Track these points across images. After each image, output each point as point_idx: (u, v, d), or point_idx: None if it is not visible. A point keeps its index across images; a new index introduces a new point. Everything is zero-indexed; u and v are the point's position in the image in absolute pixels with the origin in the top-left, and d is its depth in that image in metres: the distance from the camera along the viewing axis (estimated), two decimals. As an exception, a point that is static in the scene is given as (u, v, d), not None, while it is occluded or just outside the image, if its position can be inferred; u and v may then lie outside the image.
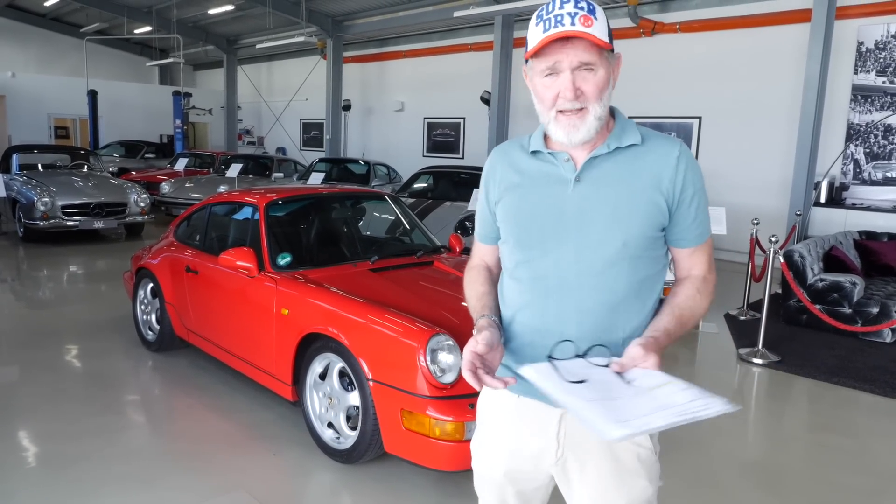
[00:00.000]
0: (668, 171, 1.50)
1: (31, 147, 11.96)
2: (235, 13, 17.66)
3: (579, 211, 1.49)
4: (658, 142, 1.54)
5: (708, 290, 1.58)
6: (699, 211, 1.54)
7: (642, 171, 1.50)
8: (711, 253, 1.62)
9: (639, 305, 1.53)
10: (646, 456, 1.56)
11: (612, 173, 1.50)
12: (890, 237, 7.66)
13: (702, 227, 1.56)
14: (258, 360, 3.94)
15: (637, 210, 1.48)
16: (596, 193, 1.49)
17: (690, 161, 1.53)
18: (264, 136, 21.55)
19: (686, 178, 1.51)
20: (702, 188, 1.54)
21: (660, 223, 1.51)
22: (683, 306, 1.53)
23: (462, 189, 9.03)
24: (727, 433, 4.05)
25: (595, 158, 1.50)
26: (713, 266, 1.61)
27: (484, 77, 13.36)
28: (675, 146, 1.53)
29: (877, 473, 3.60)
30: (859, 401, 4.68)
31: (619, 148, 1.51)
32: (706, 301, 1.57)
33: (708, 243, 1.60)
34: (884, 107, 9.07)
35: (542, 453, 1.57)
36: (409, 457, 3.06)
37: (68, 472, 3.26)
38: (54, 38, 22.84)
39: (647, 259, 1.52)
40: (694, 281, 1.58)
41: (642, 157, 1.51)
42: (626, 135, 1.52)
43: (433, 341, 2.99)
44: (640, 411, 1.25)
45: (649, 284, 1.54)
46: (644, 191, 1.49)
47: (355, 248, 4.72)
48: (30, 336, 5.37)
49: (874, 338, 5.95)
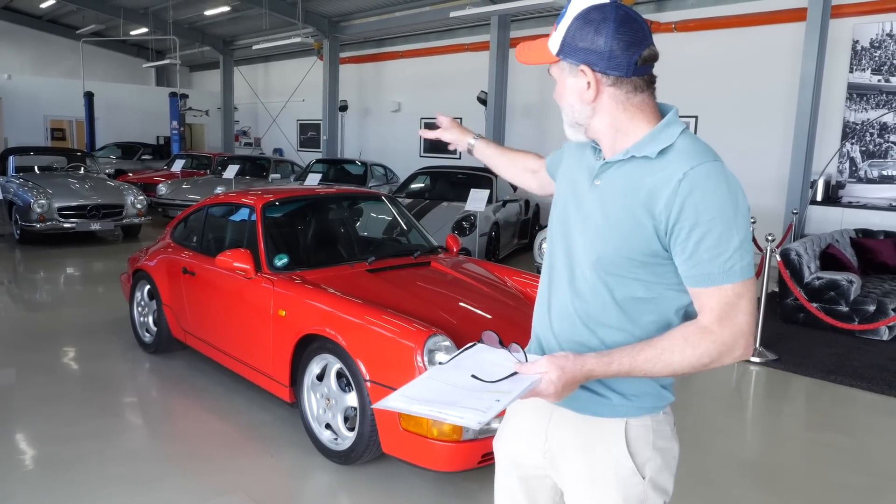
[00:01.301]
0: (666, 194, 1.32)
1: (27, 149, 11.94)
2: (232, 14, 17.66)
3: (586, 213, 1.47)
4: (677, 157, 1.35)
5: (703, 343, 1.32)
6: (703, 246, 1.30)
7: (642, 187, 1.36)
8: (735, 304, 1.31)
9: (624, 324, 1.42)
10: (625, 475, 1.45)
11: (617, 183, 1.41)
12: (886, 235, 7.68)
13: (709, 267, 1.30)
14: (255, 361, 3.93)
15: (620, 228, 1.38)
16: (600, 200, 1.44)
17: (700, 186, 1.30)
18: (261, 137, 21.55)
19: (686, 206, 1.30)
20: (713, 219, 1.29)
21: (645, 248, 1.36)
22: (654, 345, 1.34)
23: (459, 189, 9.03)
24: (725, 432, 4.06)
25: (611, 163, 1.44)
26: (732, 320, 1.32)
27: (481, 77, 13.36)
28: (685, 165, 1.32)
29: (874, 471, 3.61)
30: (857, 399, 4.69)
31: (634, 157, 1.40)
32: (691, 353, 1.32)
33: (724, 290, 1.31)
34: (879, 105, 9.09)
35: (534, 442, 1.58)
36: (406, 457, 3.06)
37: (65, 474, 3.26)
38: (50, 40, 22.82)
39: (631, 281, 1.40)
40: (690, 327, 1.35)
41: (654, 172, 1.36)
42: (651, 144, 1.39)
43: (430, 342, 2.99)
44: (422, 396, 1.33)
45: (636, 307, 1.42)
46: (634, 209, 1.36)
47: (352, 249, 4.72)
48: (27, 338, 5.36)
49: (871, 336, 5.96)
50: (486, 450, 2.93)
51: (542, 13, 12.95)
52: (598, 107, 1.42)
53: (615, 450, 1.46)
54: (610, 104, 1.42)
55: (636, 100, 1.42)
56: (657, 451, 1.48)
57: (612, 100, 1.41)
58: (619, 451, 1.46)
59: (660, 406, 1.50)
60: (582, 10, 1.39)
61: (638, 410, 1.46)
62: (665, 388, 1.50)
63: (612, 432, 1.46)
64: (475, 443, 2.91)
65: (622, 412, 1.46)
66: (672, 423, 1.53)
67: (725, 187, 1.32)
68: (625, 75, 1.39)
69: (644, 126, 1.42)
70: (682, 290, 1.39)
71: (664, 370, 1.34)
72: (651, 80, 1.45)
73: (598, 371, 1.34)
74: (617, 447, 1.46)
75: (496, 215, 8.89)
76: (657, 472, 1.48)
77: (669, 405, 1.53)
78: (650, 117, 1.43)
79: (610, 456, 1.46)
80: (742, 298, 1.32)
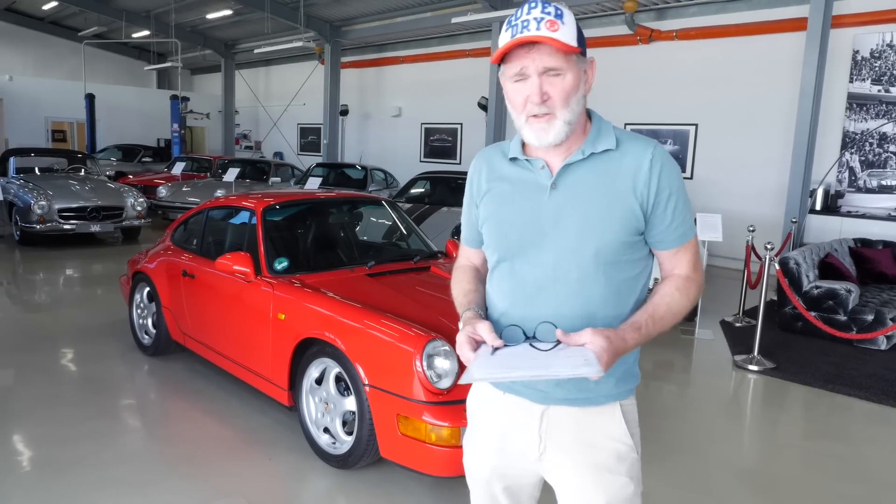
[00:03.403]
0: (642, 175, 1.48)
1: (28, 150, 11.95)
2: (234, 18, 17.70)
3: (555, 218, 1.50)
4: (632, 144, 1.51)
5: (690, 288, 1.55)
6: (677, 212, 1.51)
7: (616, 176, 1.49)
8: (696, 252, 1.59)
9: (618, 308, 1.52)
10: (625, 453, 1.56)
11: (587, 180, 1.50)
12: (885, 245, 7.69)
13: (682, 228, 1.54)
14: (254, 364, 3.93)
15: (611, 217, 1.48)
16: (571, 201, 1.49)
17: (665, 162, 1.50)
18: (262, 140, 21.56)
19: (661, 181, 1.49)
20: (679, 188, 1.52)
21: (636, 228, 1.50)
22: (659, 303, 1.51)
23: (459, 194, 8.94)
24: (722, 440, 4.06)
25: (570, 165, 1.51)
26: (699, 266, 1.59)
27: (481, 83, 13.39)
28: (648, 148, 1.50)
29: (871, 481, 3.61)
30: (854, 408, 4.69)
31: (593, 154, 1.50)
32: (686, 299, 1.53)
33: (691, 244, 1.57)
34: (879, 115, 9.12)
35: (526, 450, 1.59)
36: (405, 462, 3.06)
37: (63, 476, 3.25)
38: (52, 42, 22.86)
39: (624, 263, 1.52)
40: (675, 280, 1.55)
41: (617, 161, 1.50)
42: (601, 139, 1.51)
43: (429, 347, 2.99)
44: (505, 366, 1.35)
45: (628, 286, 1.54)
46: (618, 197, 1.48)
47: (352, 253, 4.73)
48: (25, 340, 5.36)
49: (869, 345, 5.97)
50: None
51: (543, 20, 12.96)
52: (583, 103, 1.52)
53: (615, 431, 1.55)
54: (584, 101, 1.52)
55: None
56: (638, 427, 1.62)
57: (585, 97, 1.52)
58: (619, 432, 1.56)
59: (637, 384, 1.63)
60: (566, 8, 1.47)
61: (626, 392, 1.59)
62: (636, 364, 1.63)
63: (609, 416, 1.56)
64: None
65: (616, 396, 1.57)
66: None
67: (676, 163, 1.55)
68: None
69: (585, 122, 1.54)
70: (648, 262, 1.57)
71: (671, 322, 1.52)
72: None
73: (633, 338, 1.44)
74: (616, 428, 1.56)
75: (496, 221, 8.88)
76: (640, 443, 1.62)
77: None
78: None
79: (611, 439, 1.55)
80: (697, 246, 1.61)
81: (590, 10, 11.97)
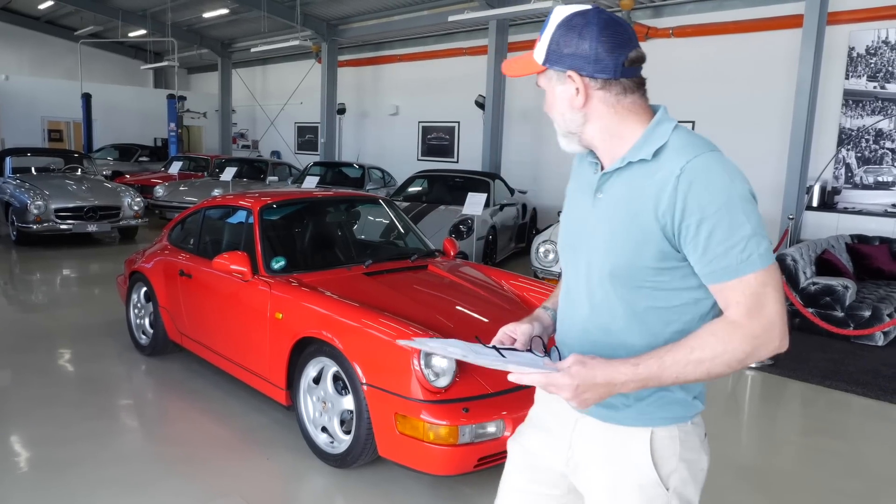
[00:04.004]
0: (666, 195, 1.29)
1: (24, 150, 11.94)
2: (230, 17, 17.66)
3: (593, 227, 1.43)
4: (671, 155, 1.33)
5: (732, 337, 1.26)
6: (713, 241, 1.26)
7: (643, 192, 1.34)
8: (760, 293, 1.26)
9: (646, 338, 1.38)
10: (648, 486, 1.40)
11: (619, 193, 1.39)
12: (881, 241, 7.71)
13: (724, 262, 1.26)
14: (252, 364, 3.93)
15: (628, 238, 1.35)
16: (605, 212, 1.41)
17: (700, 179, 1.27)
18: (259, 139, 21.53)
19: (689, 202, 1.27)
20: (718, 212, 1.25)
21: (658, 254, 1.33)
22: (681, 345, 1.29)
23: (456, 193, 9.05)
24: (721, 437, 4.07)
25: (609, 173, 1.42)
26: (758, 311, 1.26)
27: (478, 81, 13.37)
28: (680, 161, 1.30)
29: (869, 476, 3.62)
30: (852, 404, 4.70)
31: (631, 163, 1.38)
32: (722, 348, 1.26)
33: (743, 282, 1.26)
34: (875, 111, 9.13)
35: (558, 448, 1.54)
36: (403, 461, 3.06)
37: (60, 476, 3.25)
38: (48, 41, 22.79)
39: (647, 290, 1.36)
40: (716, 322, 1.31)
41: (649, 175, 1.34)
42: (645, 146, 1.37)
43: (427, 345, 2.99)
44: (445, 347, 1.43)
45: (657, 316, 1.38)
46: (638, 216, 1.33)
47: (350, 252, 4.73)
48: (22, 340, 5.34)
49: (866, 341, 5.98)
50: (483, 454, 2.93)
51: (539, 18, 12.98)
52: (589, 113, 1.41)
53: (639, 459, 1.41)
54: (601, 108, 1.40)
55: (626, 102, 1.40)
56: (683, 462, 1.42)
57: (602, 104, 1.39)
58: (642, 460, 1.41)
59: (688, 416, 1.44)
60: (564, 18, 1.39)
61: (664, 420, 1.41)
62: (696, 397, 1.45)
63: (636, 441, 1.42)
64: (471, 447, 2.91)
65: (647, 421, 1.42)
66: (702, 434, 1.48)
67: (725, 175, 1.28)
68: (612, 77, 1.37)
69: (637, 128, 1.40)
70: (703, 293, 1.35)
71: (696, 371, 1.27)
72: (641, 83, 1.43)
73: (624, 371, 1.28)
74: (640, 456, 1.41)
75: (493, 219, 8.90)
76: (682, 484, 1.42)
77: (699, 415, 1.48)
78: (643, 119, 1.41)
79: (633, 465, 1.42)
80: (767, 287, 1.26)
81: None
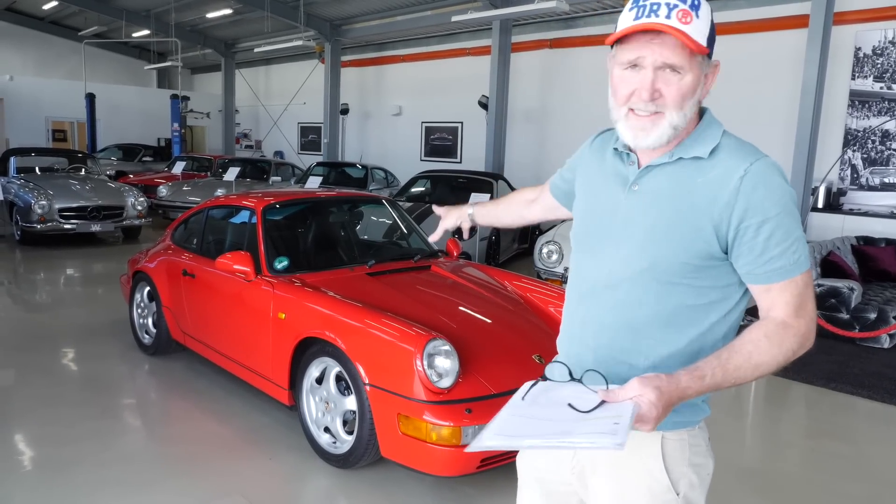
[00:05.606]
0: (726, 194, 1.28)
1: (28, 150, 11.95)
2: (234, 17, 17.69)
3: (625, 221, 1.38)
4: (729, 155, 1.31)
5: (786, 338, 1.28)
6: (773, 242, 1.27)
7: (695, 189, 1.31)
8: (803, 293, 1.30)
9: (670, 336, 1.36)
10: (659, 492, 1.38)
11: (665, 186, 1.34)
12: (888, 242, 7.67)
13: (781, 262, 1.28)
14: (255, 364, 3.92)
15: (675, 233, 1.31)
16: (643, 204, 1.36)
17: (764, 181, 1.27)
18: (262, 139, 21.57)
19: (752, 203, 1.26)
20: (780, 214, 1.27)
21: (703, 251, 1.31)
22: (738, 350, 1.27)
23: (460, 193, 9.03)
24: (725, 439, 4.05)
25: (653, 167, 1.37)
26: (805, 310, 1.31)
27: (482, 81, 13.37)
28: (744, 162, 1.29)
29: (874, 480, 3.60)
30: (857, 407, 4.68)
31: (681, 159, 1.34)
32: (778, 350, 1.27)
33: (795, 282, 1.30)
34: (881, 112, 9.10)
35: (560, 457, 1.50)
36: (405, 462, 3.05)
37: (63, 476, 3.24)
38: (52, 42, 22.87)
39: (683, 287, 1.34)
40: (767, 324, 1.30)
41: (704, 173, 1.31)
42: (698, 144, 1.34)
43: (430, 346, 2.98)
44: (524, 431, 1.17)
45: (687, 316, 1.35)
46: (690, 212, 1.31)
47: (352, 253, 4.72)
48: (26, 339, 5.35)
49: (872, 343, 5.95)
50: (485, 455, 2.92)
51: (543, 18, 12.97)
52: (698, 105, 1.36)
53: (650, 464, 1.38)
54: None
55: None
56: (692, 468, 1.41)
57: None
58: (654, 465, 1.38)
59: (696, 420, 1.43)
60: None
61: (674, 424, 1.38)
62: (704, 400, 1.43)
63: (647, 446, 1.38)
64: (474, 448, 2.90)
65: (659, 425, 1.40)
66: (707, 438, 1.46)
67: (784, 181, 1.31)
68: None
69: (690, 125, 1.36)
70: (728, 294, 1.36)
71: (753, 374, 1.28)
72: None
73: (693, 387, 1.23)
74: (652, 461, 1.38)
75: (497, 220, 8.86)
76: (691, 489, 1.40)
77: (705, 419, 1.46)
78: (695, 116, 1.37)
79: (644, 470, 1.39)
80: (808, 287, 1.32)
81: (590, 8, 11.95)
